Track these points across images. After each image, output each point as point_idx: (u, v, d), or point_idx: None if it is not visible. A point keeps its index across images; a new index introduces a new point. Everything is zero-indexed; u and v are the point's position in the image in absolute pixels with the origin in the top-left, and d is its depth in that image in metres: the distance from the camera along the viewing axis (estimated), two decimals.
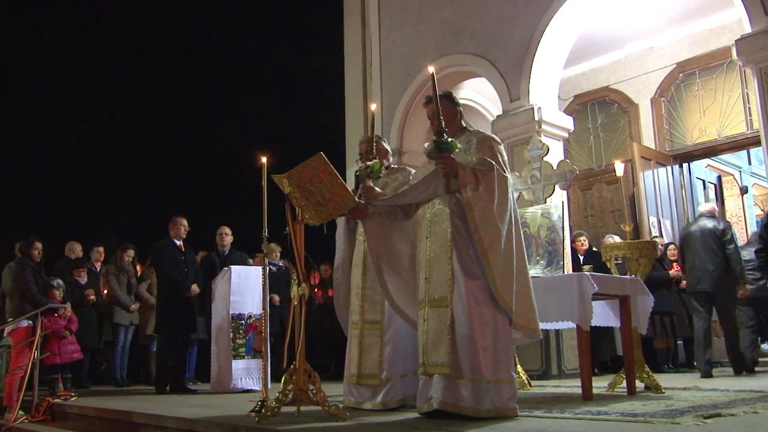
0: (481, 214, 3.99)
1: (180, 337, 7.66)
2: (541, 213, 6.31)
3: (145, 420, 5.13)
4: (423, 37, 10.24)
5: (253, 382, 7.05)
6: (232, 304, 7.13)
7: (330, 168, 4.15)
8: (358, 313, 4.78)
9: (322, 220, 4.36)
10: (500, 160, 4.21)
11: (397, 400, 4.61)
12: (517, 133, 8.50)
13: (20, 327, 7.41)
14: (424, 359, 4.01)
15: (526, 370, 6.60)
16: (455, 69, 9.73)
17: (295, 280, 4.23)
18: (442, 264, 4.07)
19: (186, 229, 7.85)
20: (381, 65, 10.88)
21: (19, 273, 7.63)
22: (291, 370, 4.18)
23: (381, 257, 4.41)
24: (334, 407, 4.11)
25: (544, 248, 6.25)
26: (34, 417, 6.73)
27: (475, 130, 4.53)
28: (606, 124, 11.05)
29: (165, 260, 7.67)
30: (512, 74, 8.83)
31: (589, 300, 4.82)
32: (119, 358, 9.27)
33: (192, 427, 4.48)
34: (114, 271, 9.40)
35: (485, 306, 3.97)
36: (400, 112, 10.33)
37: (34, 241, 7.89)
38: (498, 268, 3.96)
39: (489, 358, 3.90)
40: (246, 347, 7.12)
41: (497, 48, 9.11)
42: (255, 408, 4.36)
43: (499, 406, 3.85)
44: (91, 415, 6.12)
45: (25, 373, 6.93)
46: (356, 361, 4.75)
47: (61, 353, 7.70)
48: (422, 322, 4.09)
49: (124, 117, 19.15)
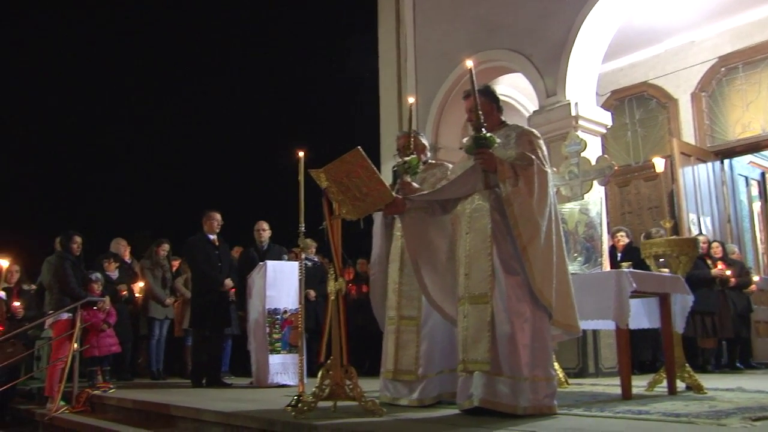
0: (520, 209, 3.95)
1: (215, 331, 7.71)
2: (579, 209, 6.22)
3: (182, 413, 5.18)
4: (457, 33, 10.16)
5: (288, 377, 7.05)
6: (268, 299, 7.14)
7: (367, 163, 4.13)
8: (395, 308, 4.76)
9: (359, 215, 4.35)
10: (540, 154, 4.16)
11: (433, 397, 4.59)
12: (554, 128, 8.38)
13: (61, 320, 7.54)
14: (463, 356, 3.99)
15: (563, 368, 6.52)
16: (490, 65, 9.63)
17: (332, 275, 4.22)
18: (482, 260, 4.03)
19: (219, 224, 7.89)
20: (416, 61, 10.83)
21: (58, 267, 7.76)
22: (328, 365, 4.18)
23: (418, 253, 4.38)
24: (371, 403, 4.10)
25: (582, 245, 6.17)
26: (75, 408, 6.84)
27: (513, 124, 4.47)
28: (644, 119, 10.87)
29: (198, 255, 7.73)
30: (548, 69, 8.72)
31: (627, 298, 4.74)
32: (155, 351, 9.36)
33: (229, 421, 4.51)
34: (149, 266, 9.50)
35: (525, 302, 3.93)
36: (435, 108, 10.27)
37: (73, 235, 8.01)
38: (537, 264, 3.92)
39: (527, 355, 3.87)
40: (282, 342, 7.12)
41: (533, 43, 9.00)
42: (291, 402, 4.37)
43: (536, 404, 3.82)
44: (129, 407, 6.21)
45: (65, 365, 7.05)
46: (392, 357, 4.73)
47: (100, 346, 7.81)
48: (462, 318, 4.06)
49: (161, 112, 19.38)
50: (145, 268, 9.45)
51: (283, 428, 3.91)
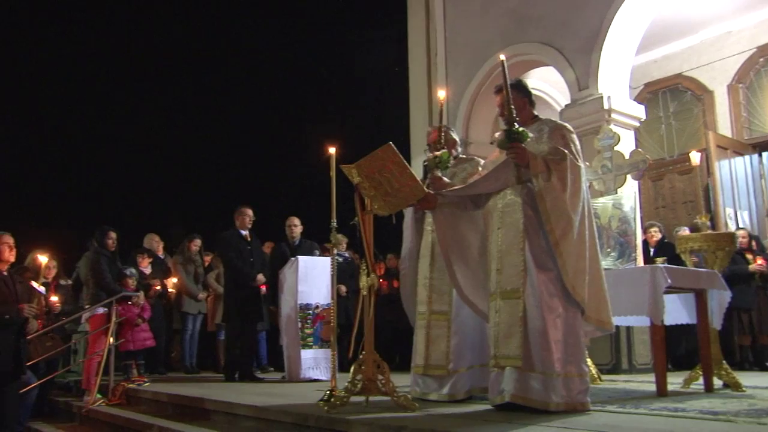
0: (552, 204, 3.92)
1: (247, 326, 7.77)
2: (613, 204, 6.15)
3: (216, 407, 5.23)
4: (488, 27, 10.09)
5: (320, 372, 7.08)
6: (300, 294, 7.17)
7: (399, 158, 4.13)
8: (426, 303, 4.76)
9: (391, 211, 4.36)
10: (573, 149, 4.12)
11: (464, 392, 4.59)
12: (586, 122, 8.28)
13: (97, 314, 7.67)
14: (495, 351, 3.97)
15: (596, 364, 6.46)
16: (521, 58, 9.55)
17: (364, 270, 4.23)
18: (514, 255, 4.01)
19: (251, 219, 7.94)
20: (446, 56, 10.78)
21: (94, 262, 7.88)
22: (360, 360, 4.19)
23: (450, 248, 4.37)
24: (403, 398, 4.11)
25: (616, 240, 6.10)
26: (111, 400, 6.96)
27: (546, 118, 4.44)
28: (678, 112, 10.70)
29: (230, 251, 7.78)
30: (580, 62, 8.61)
31: (662, 293, 4.67)
32: (188, 345, 9.47)
33: (262, 415, 4.55)
34: (181, 261, 9.60)
35: (557, 298, 3.91)
36: (466, 102, 10.22)
37: (108, 231, 8.13)
38: (570, 259, 3.89)
39: (560, 351, 3.84)
40: (313, 337, 7.16)
41: (565, 36, 8.90)
42: (324, 397, 4.39)
43: (569, 400, 3.79)
44: (164, 401, 6.29)
45: (101, 359, 7.16)
46: (423, 352, 4.73)
47: (135, 340, 7.93)
48: (494, 313, 4.04)
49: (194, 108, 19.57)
50: (177, 264, 9.55)
51: (316, 423, 3.93)
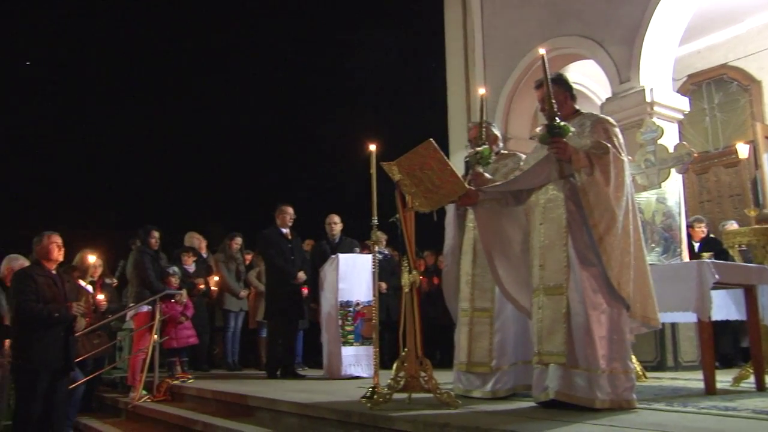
0: (596, 198, 3.87)
1: (288, 323, 7.83)
2: (656, 198, 6.06)
3: (260, 403, 5.29)
4: (526, 21, 9.98)
5: (361, 369, 7.10)
6: (340, 291, 7.20)
7: (440, 154, 4.12)
8: (468, 300, 4.75)
9: (432, 207, 4.35)
10: (616, 142, 4.06)
11: (506, 389, 4.56)
12: (628, 116, 8.14)
13: (141, 312, 7.81)
14: (539, 348, 3.94)
15: (640, 361, 6.36)
16: (560, 52, 9.42)
17: (406, 267, 4.23)
18: (557, 251, 3.98)
19: (292, 217, 8.00)
20: (484, 50, 10.70)
21: (138, 261, 8.02)
22: (402, 357, 4.19)
23: (492, 244, 4.34)
24: (446, 395, 4.10)
25: (660, 235, 6.01)
26: (156, 397, 7.09)
27: (588, 112, 4.38)
28: (724, 103, 10.44)
29: (271, 249, 7.85)
30: (621, 55, 8.47)
31: (709, 289, 4.58)
32: (230, 343, 9.58)
33: (305, 412, 4.58)
34: (223, 259, 9.71)
35: (601, 294, 3.86)
36: (504, 97, 10.13)
37: (152, 230, 8.28)
38: (615, 254, 3.85)
39: (605, 348, 3.80)
40: (354, 334, 7.17)
41: (605, 28, 8.76)
42: (366, 394, 4.40)
43: (614, 398, 3.75)
44: (208, 397, 6.38)
45: (146, 356, 7.29)
46: (466, 349, 4.72)
47: (178, 337, 8.06)
48: (537, 309, 4.02)
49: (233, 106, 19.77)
50: (219, 262, 9.66)
51: (359, 419, 3.95)
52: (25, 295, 5.42)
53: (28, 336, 5.45)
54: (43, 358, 5.45)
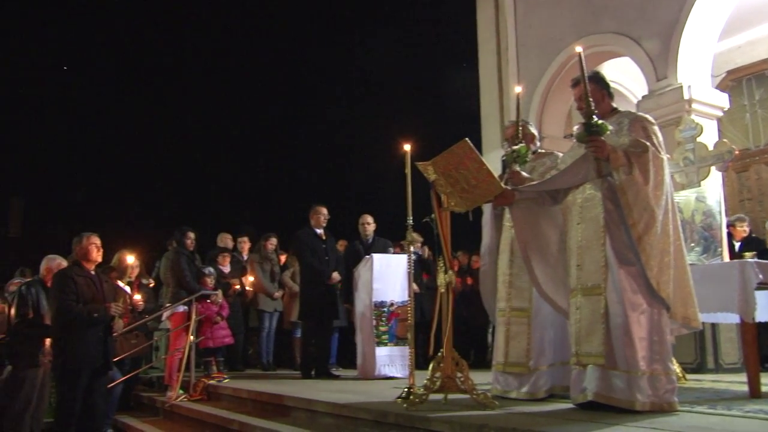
0: (635, 197, 3.82)
1: (323, 324, 7.84)
2: (696, 197, 5.96)
3: (295, 403, 5.31)
4: (560, 19, 9.89)
5: (395, 370, 7.08)
6: (374, 291, 7.18)
7: (476, 154, 4.10)
8: (505, 300, 4.72)
9: (468, 207, 4.32)
10: (655, 140, 4.00)
11: (544, 390, 4.51)
12: (665, 113, 8.01)
13: (177, 312, 7.90)
14: (576, 348, 3.90)
15: (680, 363, 6.24)
16: (595, 50, 9.31)
17: (442, 267, 4.21)
18: (594, 251, 3.93)
19: (326, 218, 8.01)
20: (517, 49, 10.62)
21: (174, 261, 8.12)
22: (438, 357, 4.18)
23: (528, 244, 4.31)
24: (483, 395, 4.07)
25: (700, 234, 5.90)
26: (192, 396, 7.15)
27: (626, 111, 4.33)
28: (765, 99, 10.21)
29: (305, 249, 7.87)
30: (658, 52, 8.34)
31: (753, 290, 4.48)
32: (265, 343, 9.62)
33: (341, 412, 4.58)
34: (258, 260, 9.76)
35: (641, 294, 3.82)
36: (539, 96, 10.04)
37: (187, 231, 8.36)
38: (654, 254, 3.80)
39: (645, 349, 3.75)
40: (389, 335, 7.15)
41: (641, 25, 8.64)
42: (402, 394, 4.39)
43: (655, 400, 3.69)
44: (244, 397, 6.42)
45: (182, 355, 7.37)
46: (503, 349, 4.69)
47: (214, 337, 8.12)
48: (574, 310, 3.97)
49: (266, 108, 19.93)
50: (254, 262, 9.72)
51: (396, 420, 3.94)
52: (65, 295, 5.51)
53: (68, 336, 5.54)
54: (83, 357, 5.54)
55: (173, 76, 19.82)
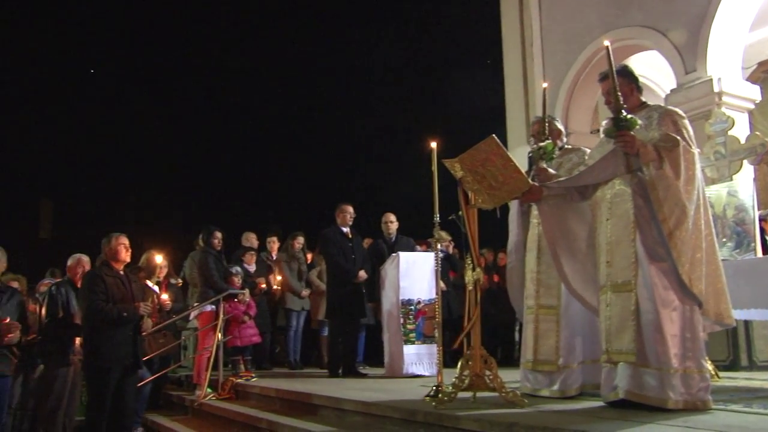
0: (665, 193, 3.77)
1: (350, 322, 7.84)
2: (727, 191, 5.87)
3: (324, 402, 5.31)
4: (586, 13, 9.78)
5: (423, 368, 7.05)
6: (401, 289, 7.15)
7: (503, 150, 4.06)
8: (533, 297, 4.67)
9: (495, 204, 4.29)
10: (685, 135, 3.94)
11: (575, 388, 4.47)
12: (694, 107, 7.89)
13: (205, 311, 7.95)
14: (607, 346, 3.85)
15: (712, 361, 6.14)
16: (622, 44, 9.20)
17: (469, 264, 4.18)
18: (624, 247, 3.88)
19: (352, 216, 8.01)
20: (542, 44, 10.53)
21: (202, 261, 8.16)
22: (467, 355, 4.15)
23: (557, 240, 4.27)
24: (512, 393, 4.04)
25: (732, 229, 5.81)
26: (221, 395, 7.19)
27: (655, 105, 4.27)
28: None
29: (332, 248, 7.87)
30: (687, 44, 8.22)
31: None
32: (292, 342, 9.65)
33: (370, 410, 4.57)
34: (285, 258, 9.79)
35: (672, 291, 3.77)
36: (564, 92, 9.95)
37: (215, 231, 8.40)
38: (686, 250, 3.74)
39: (677, 346, 3.70)
40: (416, 333, 7.12)
41: (669, 18, 8.51)
42: (430, 393, 4.36)
43: (688, 398, 3.64)
44: (272, 395, 6.44)
45: (211, 354, 7.41)
46: (531, 347, 4.64)
47: (241, 336, 8.16)
48: (604, 307, 3.93)
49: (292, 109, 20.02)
50: (281, 261, 9.74)
51: (424, 418, 3.92)
52: (95, 295, 5.57)
53: (98, 335, 5.60)
54: (113, 356, 5.58)
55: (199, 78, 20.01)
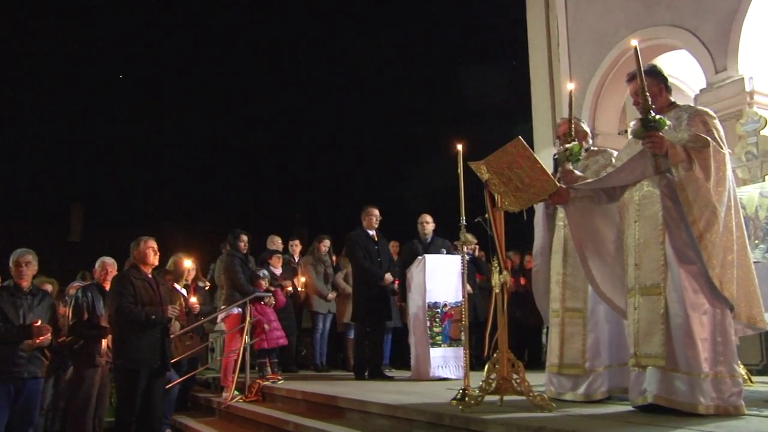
0: (695, 194, 3.72)
1: (376, 325, 7.84)
2: (759, 192, 5.76)
3: (350, 405, 5.31)
4: (613, 13, 9.69)
5: (449, 371, 7.01)
6: (428, 292, 7.12)
7: (529, 152, 4.04)
8: (559, 300, 4.63)
9: (522, 206, 4.26)
10: (716, 135, 3.88)
11: (601, 392, 4.43)
12: (725, 107, 7.77)
13: (232, 314, 7.99)
14: (635, 350, 3.81)
15: (744, 365, 6.03)
16: (650, 43, 9.10)
17: (496, 267, 4.16)
18: (653, 249, 3.83)
19: (378, 219, 8.00)
20: (568, 45, 10.45)
21: (228, 264, 8.22)
22: (494, 358, 4.12)
23: (584, 243, 4.23)
24: (540, 397, 4.00)
25: (764, 231, 5.71)
26: (247, 397, 7.22)
27: (685, 105, 4.21)
28: None
29: (358, 250, 7.87)
30: (717, 43, 8.10)
31: None
32: (319, 344, 9.66)
33: (395, 414, 4.56)
34: (312, 261, 9.81)
35: (702, 294, 3.71)
36: (591, 93, 9.86)
37: (240, 234, 8.46)
38: (716, 252, 3.69)
39: (708, 350, 3.64)
40: (442, 335, 7.10)
41: (698, 16, 8.40)
42: (457, 396, 4.34)
43: (720, 403, 3.58)
44: (298, 398, 6.46)
45: (238, 357, 7.45)
46: (557, 350, 4.60)
47: (268, 339, 8.18)
48: (632, 310, 3.88)
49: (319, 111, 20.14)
50: (307, 264, 9.77)
51: (451, 422, 3.90)
52: (123, 297, 5.64)
53: (127, 337, 5.67)
54: (141, 358, 5.65)
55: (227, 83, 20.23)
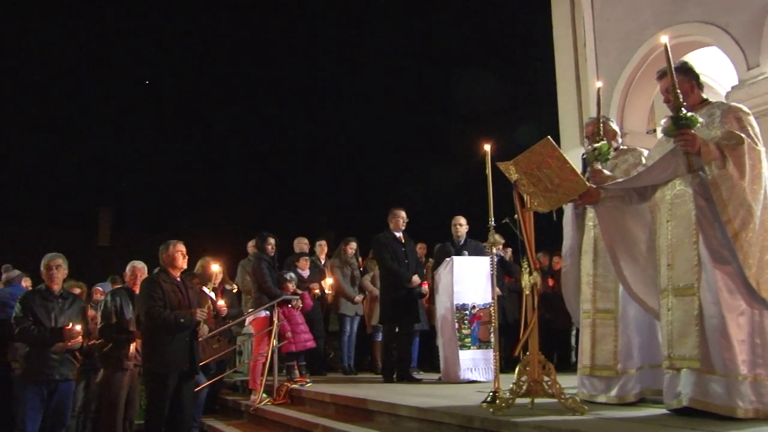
0: (729, 192, 3.65)
1: (404, 327, 7.81)
2: None
3: (379, 408, 5.29)
4: (641, 11, 9.55)
5: (478, 374, 6.95)
6: (456, 294, 7.09)
7: (558, 152, 3.99)
8: (590, 301, 4.58)
9: (552, 207, 4.22)
10: (750, 132, 3.81)
11: (634, 394, 4.38)
12: (758, 104, 7.59)
13: (259, 317, 8.01)
14: (669, 351, 3.75)
15: None
16: (679, 41, 8.93)
17: (526, 269, 4.12)
18: (686, 249, 3.76)
19: (405, 221, 7.98)
20: (595, 44, 10.33)
21: (255, 267, 8.24)
22: (524, 361, 4.08)
23: (616, 243, 4.18)
24: (571, 400, 3.95)
25: None
26: (276, 400, 7.23)
27: (717, 101, 4.13)
28: None
29: (385, 252, 7.85)
30: (749, 39, 7.94)
31: None
32: (346, 347, 9.65)
33: (425, 416, 4.53)
34: (338, 264, 9.81)
35: (739, 294, 3.64)
36: (619, 92, 9.73)
37: (268, 237, 8.47)
38: (752, 252, 3.62)
39: (745, 352, 3.57)
40: (471, 338, 7.04)
41: (729, 11, 8.24)
42: (487, 399, 4.30)
43: (759, 407, 3.51)
44: (327, 401, 6.45)
45: (266, 360, 7.47)
46: (588, 352, 4.56)
47: (296, 342, 8.18)
48: (666, 311, 3.82)
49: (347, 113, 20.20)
50: (334, 267, 9.77)
51: (481, 424, 3.86)
52: (153, 301, 5.68)
53: (156, 341, 5.70)
54: (171, 361, 5.68)
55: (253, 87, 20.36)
